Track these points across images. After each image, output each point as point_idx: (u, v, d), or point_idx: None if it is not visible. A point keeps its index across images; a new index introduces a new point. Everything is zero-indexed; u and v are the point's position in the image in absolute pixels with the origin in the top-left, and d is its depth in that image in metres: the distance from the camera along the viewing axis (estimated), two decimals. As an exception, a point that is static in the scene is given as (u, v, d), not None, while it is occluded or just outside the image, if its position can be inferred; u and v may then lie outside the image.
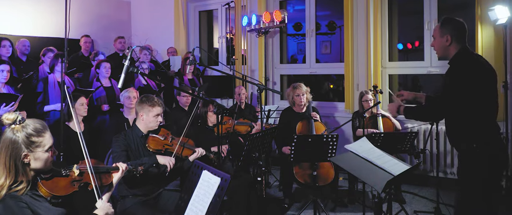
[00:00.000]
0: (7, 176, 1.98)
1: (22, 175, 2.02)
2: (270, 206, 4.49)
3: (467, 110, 2.70)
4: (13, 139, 1.99)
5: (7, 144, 2.00)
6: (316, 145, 3.89)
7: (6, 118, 2.02)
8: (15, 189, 1.99)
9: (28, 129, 2.02)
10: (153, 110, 3.27)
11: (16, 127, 2.02)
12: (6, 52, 5.18)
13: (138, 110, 3.32)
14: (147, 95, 3.38)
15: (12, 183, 1.99)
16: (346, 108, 6.08)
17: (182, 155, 3.40)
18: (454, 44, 2.82)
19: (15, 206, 1.95)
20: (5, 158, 1.99)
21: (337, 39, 10.09)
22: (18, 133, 2.00)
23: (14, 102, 4.12)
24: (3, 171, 1.99)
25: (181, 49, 7.62)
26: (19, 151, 1.99)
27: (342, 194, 4.77)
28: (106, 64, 5.25)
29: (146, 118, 3.29)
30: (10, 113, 2.03)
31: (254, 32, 6.77)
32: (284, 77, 7.15)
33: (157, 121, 3.32)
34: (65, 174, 2.22)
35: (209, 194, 2.38)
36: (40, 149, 2.04)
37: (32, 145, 2.02)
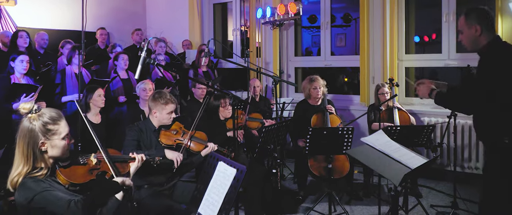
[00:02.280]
0: (25, 163, 2.04)
1: (40, 162, 2.07)
2: (285, 198, 4.49)
3: (501, 102, 2.56)
4: (30, 127, 2.05)
5: (25, 132, 2.05)
6: (332, 138, 3.87)
7: (22, 108, 2.08)
8: (35, 174, 2.04)
9: (44, 117, 2.08)
10: (166, 107, 3.29)
11: (33, 116, 2.07)
12: (23, 43, 5.26)
13: (152, 106, 3.32)
14: (160, 92, 3.37)
15: (31, 169, 2.05)
16: (361, 101, 6.03)
17: (193, 149, 3.40)
18: (484, 34, 2.67)
19: (34, 184, 2.00)
20: (23, 146, 2.05)
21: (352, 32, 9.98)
22: (34, 121, 2.06)
23: (34, 93, 4.19)
24: (21, 159, 2.05)
25: (196, 42, 7.63)
26: (36, 139, 2.05)
27: (357, 187, 4.75)
28: (124, 56, 5.30)
29: (159, 115, 3.30)
30: (26, 103, 2.09)
31: (269, 24, 6.74)
32: (298, 70, 7.12)
33: (170, 118, 3.33)
34: (83, 162, 2.27)
35: (225, 185, 2.39)
36: (56, 137, 2.10)
37: (49, 132, 2.07)
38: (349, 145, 3.92)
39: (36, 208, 1.98)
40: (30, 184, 2.00)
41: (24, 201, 1.98)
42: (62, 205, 1.97)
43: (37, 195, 1.97)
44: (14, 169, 2.05)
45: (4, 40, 5.60)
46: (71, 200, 1.99)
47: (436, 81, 3.01)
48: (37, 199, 1.97)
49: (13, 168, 2.06)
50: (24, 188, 1.99)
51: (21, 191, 1.99)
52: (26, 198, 1.97)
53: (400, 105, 4.84)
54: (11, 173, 2.05)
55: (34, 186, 1.99)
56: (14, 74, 4.35)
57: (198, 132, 3.51)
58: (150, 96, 3.38)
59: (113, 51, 6.11)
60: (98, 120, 4.26)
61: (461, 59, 5.34)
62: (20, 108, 2.09)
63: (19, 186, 2.01)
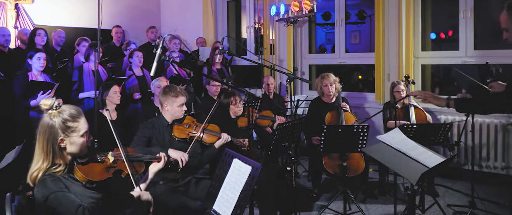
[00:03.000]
0: (45, 159, 2.06)
1: (59, 158, 2.09)
2: (299, 196, 4.47)
3: None
4: (50, 123, 2.07)
5: (45, 128, 2.08)
6: (347, 136, 3.84)
7: (43, 104, 2.10)
8: (53, 170, 2.06)
9: (64, 114, 2.10)
10: (177, 100, 3.30)
11: (53, 112, 2.09)
12: (41, 41, 5.33)
13: (163, 100, 3.34)
14: (170, 86, 3.39)
15: (50, 165, 2.07)
16: (376, 99, 5.97)
17: (206, 141, 3.41)
18: None
19: (53, 184, 2.01)
20: (43, 142, 2.07)
21: (367, 29, 9.88)
22: (54, 118, 2.08)
23: (51, 90, 4.24)
24: (40, 154, 2.07)
25: (210, 39, 7.64)
26: (56, 135, 2.07)
27: (372, 185, 4.71)
28: (139, 53, 5.34)
29: (171, 108, 3.32)
30: (47, 99, 2.11)
31: (283, 21, 6.71)
32: (312, 67, 7.08)
33: (181, 110, 3.34)
34: (100, 159, 2.28)
35: (240, 183, 2.39)
36: (75, 134, 2.11)
37: (68, 129, 2.09)
38: (364, 143, 3.88)
39: (50, 207, 2.00)
40: (49, 182, 2.01)
41: (41, 198, 2.00)
42: (70, 208, 1.98)
43: (52, 194, 1.99)
44: (33, 164, 2.08)
45: (23, 38, 5.69)
46: (80, 206, 1.99)
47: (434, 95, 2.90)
48: (51, 198, 1.98)
49: (32, 163, 2.08)
50: (43, 185, 2.01)
51: (40, 187, 2.02)
52: (43, 196, 2.00)
53: (416, 103, 4.77)
54: (31, 167, 2.07)
55: (52, 185, 2.01)
56: (31, 71, 4.41)
57: (211, 124, 3.51)
58: (160, 91, 3.40)
59: (128, 48, 6.15)
60: (114, 117, 4.30)
61: (479, 57, 5.24)
62: (41, 104, 2.10)
63: (38, 182, 2.03)
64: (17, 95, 4.29)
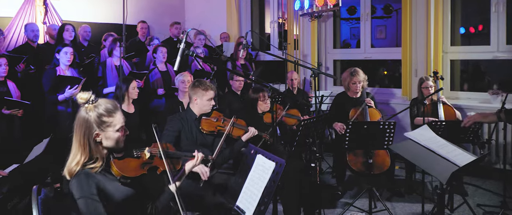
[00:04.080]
0: (82, 153, 2.06)
1: (96, 152, 2.09)
2: (323, 192, 4.41)
3: None
4: (86, 118, 2.07)
5: (81, 122, 2.08)
6: (372, 132, 3.75)
7: (80, 97, 2.09)
8: (90, 165, 2.06)
9: (100, 109, 2.08)
10: (206, 94, 3.35)
11: (89, 106, 2.08)
12: (69, 36, 5.42)
13: (192, 94, 3.39)
14: (200, 80, 3.44)
15: (88, 160, 2.07)
16: (403, 95, 5.83)
17: (234, 135, 3.44)
18: None
19: (85, 182, 2.01)
20: (79, 136, 2.07)
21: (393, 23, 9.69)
22: (90, 112, 2.07)
23: (78, 85, 4.31)
24: (78, 148, 2.07)
25: (234, 34, 7.63)
26: (91, 130, 2.06)
27: (398, 183, 4.60)
28: (163, 49, 5.37)
29: (200, 101, 3.36)
30: (84, 93, 2.10)
31: (307, 16, 6.63)
32: (337, 63, 6.98)
33: (210, 104, 3.39)
34: (136, 155, 2.26)
35: (263, 178, 2.36)
36: (110, 129, 2.09)
37: (103, 124, 2.08)
38: (391, 140, 3.79)
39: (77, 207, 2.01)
40: (83, 181, 2.01)
41: (74, 195, 2.01)
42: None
43: (81, 198, 1.99)
44: (71, 157, 2.08)
45: (51, 33, 5.81)
46: None
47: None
48: (80, 201, 1.99)
49: (70, 156, 2.09)
50: (77, 183, 2.01)
51: (74, 184, 2.02)
52: (75, 194, 2.01)
53: (445, 100, 4.63)
54: (69, 161, 2.07)
55: (85, 187, 2.00)
56: (59, 66, 4.48)
57: (238, 119, 3.54)
58: (190, 85, 3.45)
59: (151, 44, 6.21)
60: (131, 110, 4.35)
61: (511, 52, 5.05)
62: (78, 98, 2.10)
63: (74, 176, 2.03)
64: (45, 89, 4.38)
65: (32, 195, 2.12)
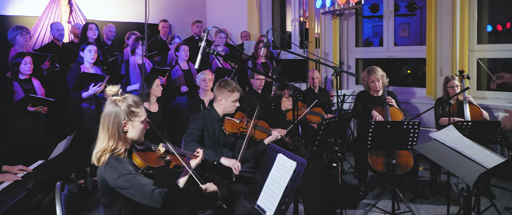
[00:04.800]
0: (109, 140, 2.20)
1: (121, 142, 2.22)
2: (345, 193, 4.35)
3: None
4: (116, 109, 2.22)
5: (110, 112, 2.22)
6: (396, 132, 3.67)
7: (109, 90, 2.27)
8: (117, 153, 2.20)
9: (129, 100, 2.26)
10: (232, 95, 3.34)
11: (118, 98, 2.25)
12: (92, 35, 5.50)
13: (217, 94, 3.38)
14: (226, 80, 3.41)
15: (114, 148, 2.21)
16: (427, 94, 5.71)
17: (257, 137, 3.41)
18: None
19: (119, 164, 2.15)
20: (108, 125, 2.21)
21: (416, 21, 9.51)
22: (120, 103, 2.23)
23: (101, 83, 4.37)
24: (105, 136, 2.21)
25: (254, 33, 7.62)
26: (120, 119, 2.21)
27: (422, 184, 4.50)
28: (185, 47, 5.40)
29: (225, 102, 3.35)
30: (113, 86, 2.28)
31: (329, 14, 6.56)
32: (359, 61, 6.88)
33: (235, 106, 3.39)
34: (154, 149, 2.39)
35: (284, 178, 2.34)
36: (137, 119, 2.26)
37: (132, 114, 2.24)
38: (415, 140, 3.71)
39: (118, 188, 2.11)
40: (116, 164, 2.14)
41: (110, 178, 2.12)
42: (145, 190, 2.10)
43: (122, 176, 2.10)
44: (98, 145, 2.22)
45: (76, 32, 5.91)
46: (156, 189, 2.11)
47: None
48: (121, 180, 2.10)
49: (97, 144, 2.23)
50: (112, 168, 2.14)
51: (108, 170, 2.14)
52: (110, 177, 2.12)
53: (472, 99, 4.51)
54: (95, 148, 2.22)
55: (121, 168, 2.13)
56: (83, 64, 4.56)
57: (261, 121, 3.52)
58: (216, 84, 3.43)
59: (172, 42, 6.24)
60: (155, 109, 4.38)
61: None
62: (107, 90, 2.27)
63: (106, 165, 2.16)
64: (70, 87, 4.45)
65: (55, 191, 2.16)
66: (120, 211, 2.20)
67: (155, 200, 2.09)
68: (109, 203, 2.22)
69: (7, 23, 5.52)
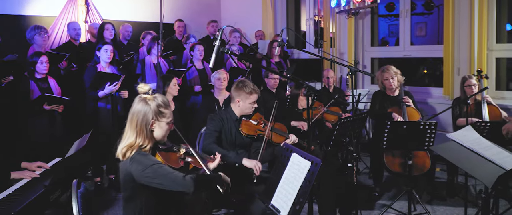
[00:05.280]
0: (137, 137, 2.23)
1: (147, 141, 2.26)
2: (360, 193, 4.31)
3: None
4: (145, 107, 2.26)
5: (140, 110, 2.26)
6: (412, 133, 3.63)
7: (140, 88, 2.32)
8: (144, 150, 2.24)
9: (158, 100, 2.30)
10: (250, 97, 3.30)
11: (149, 97, 2.29)
12: (109, 35, 5.55)
13: (235, 95, 3.34)
14: (244, 82, 3.35)
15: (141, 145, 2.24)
16: (444, 94, 5.63)
17: (274, 141, 3.38)
18: None
19: (144, 157, 2.19)
20: (136, 122, 2.24)
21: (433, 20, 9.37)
22: (150, 102, 2.27)
23: (117, 82, 4.41)
24: (132, 133, 2.25)
25: (269, 32, 7.61)
26: (149, 118, 2.25)
27: (439, 186, 4.44)
28: (200, 46, 5.43)
29: (243, 104, 3.32)
30: (145, 84, 2.34)
31: (344, 13, 6.52)
32: (375, 61, 6.82)
33: (252, 107, 3.35)
34: (175, 149, 2.44)
35: (299, 178, 2.33)
36: (164, 120, 2.30)
37: (160, 114, 2.28)
38: (432, 141, 3.65)
39: (145, 180, 2.15)
40: (142, 158, 2.18)
41: (135, 171, 2.16)
42: (175, 177, 2.16)
43: (148, 168, 2.14)
44: (124, 140, 2.26)
45: (93, 32, 5.98)
46: (186, 175, 2.18)
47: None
48: (147, 171, 2.14)
49: (123, 139, 2.27)
50: (137, 162, 2.17)
51: (134, 164, 2.17)
52: (136, 169, 2.16)
53: (490, 99, 4.42)
54: (121, 143, 2.25)
55: (146, 160, 2.17)
56: (100, 63, 4.61)
57: (278, 124, 3.50)
58: (234, 85, 3.38)
59: (188, 42, 6.27)
60: (172, 107, 4.40)
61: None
62: (138, 88, 2.32)
63: (130, 160, 2.19)
64: (86, 86, 4.51)
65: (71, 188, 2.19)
66: (142, 205, 2.23)
67: (188, 184, 2.15)
68: (131, 197, 2.25)
69: (26, 23, 5.62)
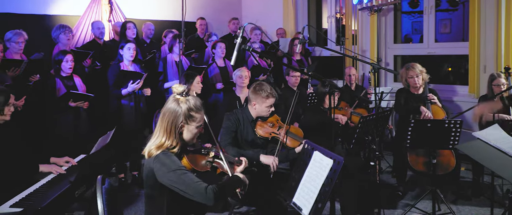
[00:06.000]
0: (167, 138, 2.21)
1: (176, 142, 2.24)
2: (383, 192, 4.25)
3: None
4: (177, 108, 2.23)
5: (171, 111, 2.23)
6: (437, 131, 3.55)
7: (175, 88, 2.28)
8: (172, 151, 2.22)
9: (190, 103, 2.25)
10: (266, 101, 3.29)
11: (182, 98, 2.25)
12: (131, 33, 5.62)
13: (252, 98, 3.34)
14: (261, 85, 3.33)
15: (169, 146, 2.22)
16: (470, 92, 5.50)
17: (288, 145, 3.34)
18: None
19: (169, 159, 2.15)
20: (166, 122, 2.22)
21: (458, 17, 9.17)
22: (182, 104, 2.23)
23: (140, 80, 4.47)
24: (163, 133, 2.22)
25: (290, 30, 7.58)
26: (179, 120, 2.22)
27: (464, 185, 4.35)
28: (222, 44, 5.45)
29: (259, 107, 3.32)
30: (180, 85, 2.30)
31: (366, 10, 6.44)
32: (398, 58, 6.71)
33: (268, 111, 3.33)
34: (204, 152, 2.42)
35: (321, 176, 2.30)
36: (194, 124, 2.26)
37: (190, 118, 2.24)
38: (457, 140, 3.57)
39: (168, 183, 2.13)
40: (166, 159, 2.15)
41: (158, 172, 2.14)
42: (198, 188, 2.10)
43: (171, 172, 2.12)
44: (153, 139, 2.24)
45: (117, 30, 6.08)
46: (208, 186, 2.11)
47: None
48: (171, 175, 2.12)
49: (152, 138, 2.25)
50: (159, 161, 2.16)
51: (156, 163, 2.16)
52: (159, 170, 2.14)
53: (518, 97, 4.29)
54: (151, 142, 2.24)
55: (170, 163, 2.14)
56: (123, 62, 4.67)
57: (294, 127, 3.46)
58: (251, 88, 3.36)
59: (209, 40, 6.30)
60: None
61: None
62: (173, 88, 2.28)
63: (154, 158, 2.18)
64: (110, 84, 4.58)
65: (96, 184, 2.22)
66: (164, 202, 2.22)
67: (209, 198, 2.09)
68: (153, 195, 2.24)
69: (51, 22, 5.74)
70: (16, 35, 4.44)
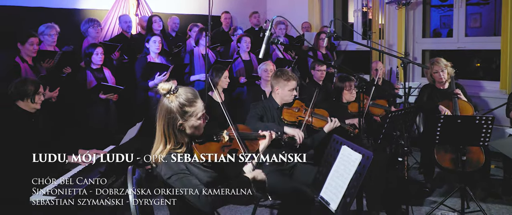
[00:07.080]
0: (167, 142, 2.12)
1: (180, 140, 2.16)
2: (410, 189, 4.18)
3: None
4: (169, 108, 2.12)
5: (164, 112, 2.13)
6: (467, 127, 3.45)
7: (161, 88, 2.14)
8: (177, 151, 2.13)
9: (181, 99, 2.12)
10: (288, 84, 3.33)
11: (170, 96, 2.12)
12: (157, 26, 5.69)
13: (274, 83, 3.40)
14: (282, 70, 3.43)
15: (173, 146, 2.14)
16: (501, 88, 5.35)
17: (315, 126, 3.39)
18: None
19: (175, 165, 2.09)
20: (163, 125, 2.12)
21: (490, 11, 8.89)
22: (172, 103, 2.12)
23: (166, 72, 4.53)
24: (161, 138, 2.13)
25: (315, 24, 7.52)
26: (175, 120, 2.11)
27: (495, 183, 4.24)
28: (247, 38, 5.46)
29: (282, 91, 3.35)
30: (165, 83, 2.15)
31: (394, 4, 6.32)
32: (426, 53, 6.57)
33: (292, 95, 3.38)
34: (216, 139, 2.32)
35: (349, 171, 2.29)
36: (193, 118, 2.14)
37: (185, 114, 2.12)
38: (488, 137, 3.46)
39: (171, 186, 2.09)
40: (170, 163, 2.09)
41: (163, 176, 2.10)
42: (194, 194, 2.03)
43: (174, 175, 2.06)
44: (155, 146, 2.16)
45: (143, 24, 6.16)
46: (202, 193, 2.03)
47: None
48: (173, 179, 2.07)
49: (154, 145, 2.16)
50: (166, 166, 2.09)
51: (163, 167, 2.10)
52: (165, 174, 2.09)
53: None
54: (153, 149, 2.15)
55: (174, 166, 2.08)
56: (149, 54, 4.74)
57: (319, 109, 3.49)
58: (272, 74, 3.46)
59: (235, 34, 6.31)
60: (221, 99, 4.45)
61: None
62: (159, 88, 2.14)
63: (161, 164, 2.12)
64: (137, 76, 4.66)
65: (127, 174, 2.25)
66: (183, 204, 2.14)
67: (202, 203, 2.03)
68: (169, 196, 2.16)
69: (80, 16, 5.84)
70: (48, 28, 4.55)
